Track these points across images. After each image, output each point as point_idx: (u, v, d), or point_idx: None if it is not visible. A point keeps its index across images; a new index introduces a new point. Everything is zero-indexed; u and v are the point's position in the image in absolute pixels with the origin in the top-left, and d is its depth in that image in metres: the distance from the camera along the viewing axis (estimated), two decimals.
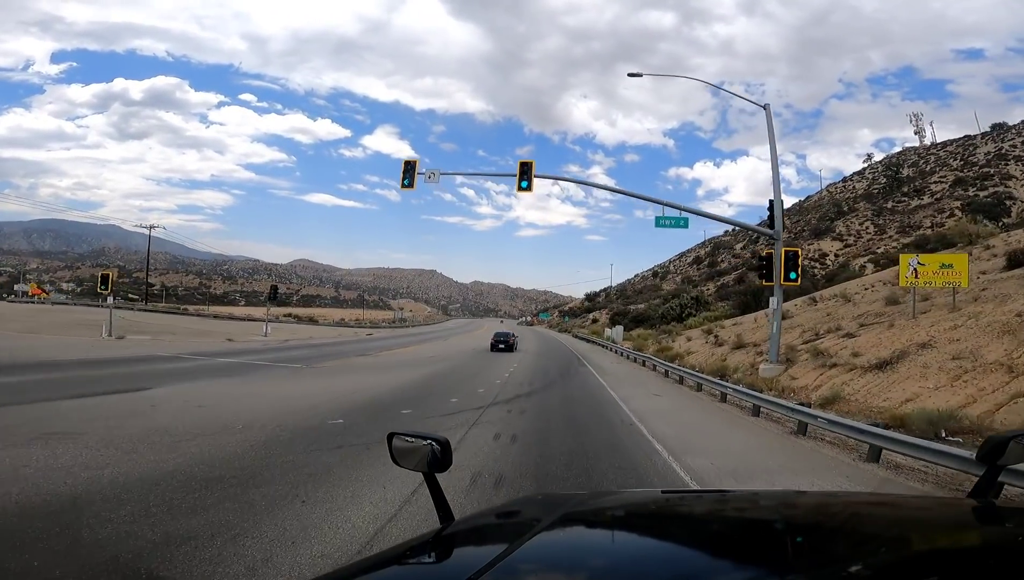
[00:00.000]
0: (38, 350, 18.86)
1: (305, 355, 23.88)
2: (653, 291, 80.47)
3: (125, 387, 12.11)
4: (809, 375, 15.18)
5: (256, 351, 25.19)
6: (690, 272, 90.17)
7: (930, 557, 1.09)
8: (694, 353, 25.19)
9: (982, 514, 1.43)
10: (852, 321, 19.09)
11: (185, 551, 3.85)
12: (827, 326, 19.26)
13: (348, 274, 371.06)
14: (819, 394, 13.54)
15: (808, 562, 1.09)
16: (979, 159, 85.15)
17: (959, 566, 1.02)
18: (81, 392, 10.62)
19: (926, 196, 78.98)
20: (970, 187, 74.57)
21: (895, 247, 61.35)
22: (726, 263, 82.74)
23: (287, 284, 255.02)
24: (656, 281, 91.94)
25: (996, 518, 1.44)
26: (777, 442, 9.59)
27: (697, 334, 30.07)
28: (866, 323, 18.26)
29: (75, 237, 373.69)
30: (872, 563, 1.00)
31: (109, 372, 14.83)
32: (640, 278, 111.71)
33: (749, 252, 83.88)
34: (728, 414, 12.63)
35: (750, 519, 1.58)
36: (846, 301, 22.48)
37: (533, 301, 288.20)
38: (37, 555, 3.71)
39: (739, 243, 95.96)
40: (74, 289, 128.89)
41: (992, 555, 1.09)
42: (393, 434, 1.63)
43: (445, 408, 11.46)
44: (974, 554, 1.13)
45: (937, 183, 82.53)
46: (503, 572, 0.97)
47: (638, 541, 1.42)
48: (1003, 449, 1.48)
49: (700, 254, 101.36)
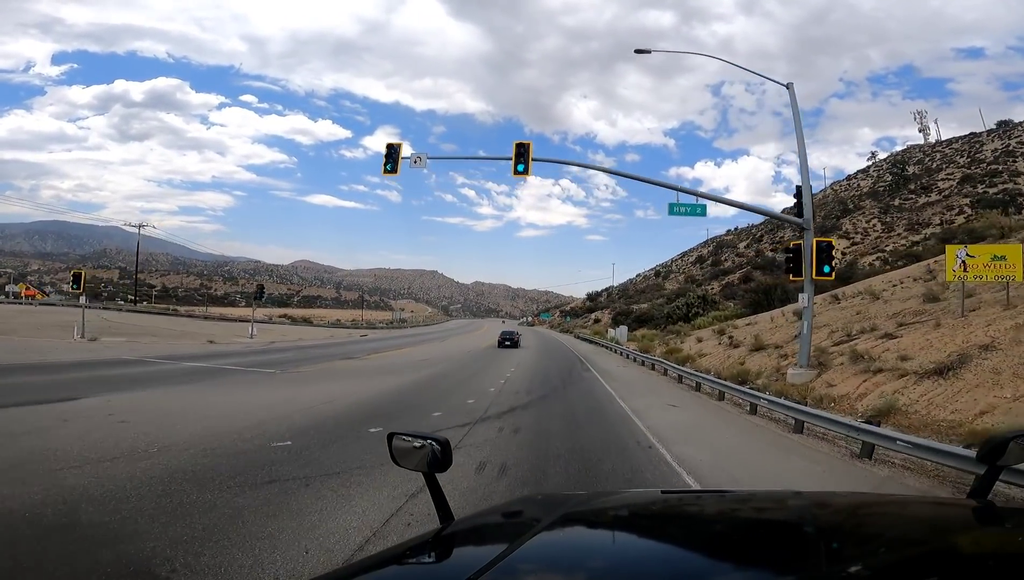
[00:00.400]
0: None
1: (285, 358, 21.82)
2: (656, 291, 78.17)
3: (50, 397, 10.19)
4: (849, 382, 13.06)
5: (234, 354, 23.16)
6: (693, 271, 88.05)
7: (930, 557, 1.07)
8: (707, 355, 23.06)
9: (982, 514, 1.42)
10: (887, 320, 16.98)
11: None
12: (860, 326, 17.14)
13: (349, 275, 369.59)
14: (866, 404, 11.45)
15: (808, 562, 1.08)
16: (986, 156, 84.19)
17: (959, 566, 1.01)
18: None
19: (933, 193, 77.79)
20: (978, 184, 72.96)
21: (903, 245, 59.49)
22: (730, 262, 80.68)
23: (288, 285, 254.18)
24: (658, 281, 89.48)
25: (996, 518, 1.44)
26: (843, 470, 7.50)
27: (708, 334, 27.91)
28: (905, 322, 16.15)
29: (77, 239, 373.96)
30: (872, 563, 1.00)
31: (48, 379, 12.98)
32: (642, 278, 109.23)
33: (753, 250, 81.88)
34: (765, 431, 10.52)
35: (750, 519, 1.57)
36: (874, 298, 20.35)
37: (534, 301, 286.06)
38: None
39: (742, 242, 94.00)
40: (75, 290, 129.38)
41: (992, 555, 1.08)
42: (393, 434, 1.63)
43: (424, 424, 9.38)
44: (974, 554, 1.11)
45: (944, 180, 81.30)
46: (503, 572, 0.96)
47: (638, 541, 1.39)
48: (1003, 449, 1.46)
49: (703, 253, 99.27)
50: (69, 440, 6.93)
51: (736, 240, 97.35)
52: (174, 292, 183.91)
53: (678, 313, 41.74)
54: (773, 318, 25.29)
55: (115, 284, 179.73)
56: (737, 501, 1.87)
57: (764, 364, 17.70)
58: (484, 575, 0.92)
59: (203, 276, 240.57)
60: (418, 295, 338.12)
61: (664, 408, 12.60)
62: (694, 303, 42.30)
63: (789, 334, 20.39)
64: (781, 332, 21.20)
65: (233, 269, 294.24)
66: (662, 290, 74.08)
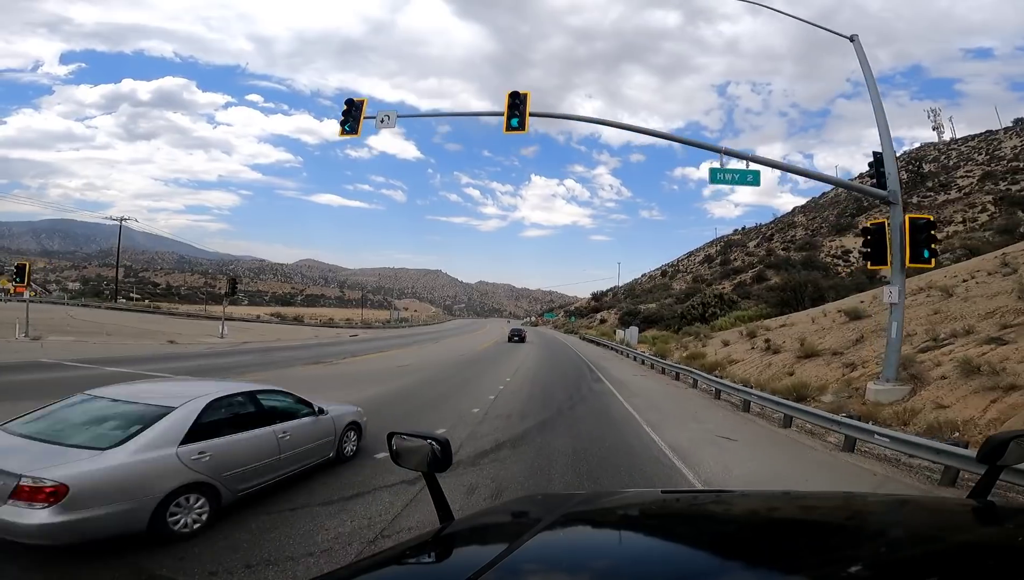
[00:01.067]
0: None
1: (239, 363, 18.18)
2: (663, 290, 74.09)
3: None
4: (969, 402, 9.30)
5: (185, 357, 19.59)
6: (701, 271, 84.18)
7: (930, 557, 1.06)
8: (739, 362, 19.28)
9: (982, 514, 1.40)
10: (982, 321, 13.23)
11: None
12: (948, 328, 13.36)
13: (353, 274, 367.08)
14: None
15: (808, 562, 1.06)
16: (1005, 153, 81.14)
17: (959, 566, 1.00)
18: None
19: (953, 190, 74.47)
20: (1000, 181, 69.46)
21: None
22: (739, 261, 76.82)
23: (291, 284, 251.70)
24: (665, 280, 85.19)
25: (996, 518, 1.41)
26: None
27: (735, 337, 24.08)
28: (1010, 324, 12.39)
29: (83, 237, 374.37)
30: (872, 563, 1.00)
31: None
32: (647, 277, 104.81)
33: (763, 250, 77.83)
34: (895, 485, 6.70)
35: (750, 519, 1.54)
36: (947, 295, 16.54)
37: (538, 301, 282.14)
38: None
39: (751, 241, 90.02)
40: (81, 289, 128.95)
41: (992, 555, 1.07)
42: (393, 433, 1.63)
43: (350, 481, 5.74)
44: (974, 554, 1.09)
45: (964, 177, 78.07)
46: (503, 572, 0.95)
47: (638, 541, 1.37)
48: (1003, 449, 1.46)
49: (710, 253, 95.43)
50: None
51: (745, 239, 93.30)
52: (177, 290, 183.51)
53: (693, 313, 37.87)
54: (814, 319, 21.44)
55: (119, 282, 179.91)
56: (737, 501, 1.83)
57: (824, 375, 13.91)
58: (484, 575, 0.91)
59: (207, 274, 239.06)
60: (422, 295, 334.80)
61: (716, 444, 8.81)
62: (711, 302, 38.44)
63: (844, 338, 16.61)
64: (832, 335, 17.39)
65: (238, 268, 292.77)
66: (669, 290, 70.09)
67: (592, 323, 68.31)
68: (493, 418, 9.93)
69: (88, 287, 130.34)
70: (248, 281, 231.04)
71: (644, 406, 12.39)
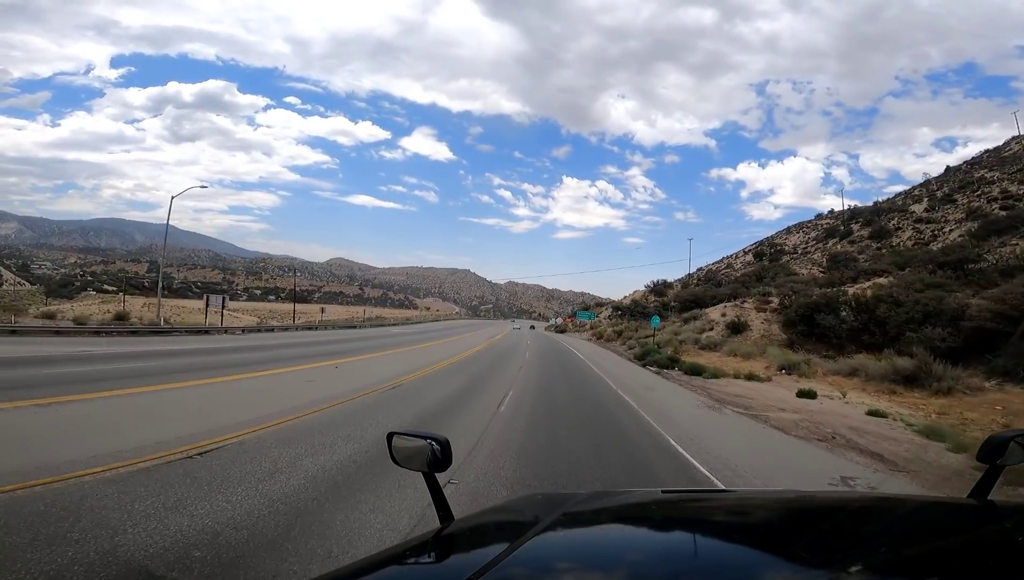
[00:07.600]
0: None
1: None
2: (754, 279, 49.79)
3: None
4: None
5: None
6: (832, 247, 60.14)
7: (930, 557, 1.03)
8: None
9: (982, 514, 1.35)
10: None
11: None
12: None
13: (382, 273, 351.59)
14: None
15: (808, 562, 1.03)
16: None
17: (959, 566, 0.98)
18: None
19: None
20: None
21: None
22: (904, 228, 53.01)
23: (312, 281, 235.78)
24: (762, 264, 59.92)
25: (996, 518, 1.34)
26: None
27: None
28: None
29: (130, 236, 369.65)
30: (872, 563, 0.96)
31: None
32: (725, 264, 78.89)
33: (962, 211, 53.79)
34: None
35: (750, 519, 1.50)
36: None
37: (569, 302, 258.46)
38: None
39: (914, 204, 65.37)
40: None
41: (992, 555, 1.04)
42: (393, 433, 1.55)
43: None
44: (974, 554, 1.06)
45: None
46: (503, 572, 0.92)
47: (639, 541, 1.31)
48: (1003, 449, 1.40)
49: (831, 224, 71.75)
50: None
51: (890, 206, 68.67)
52: (191, 285, 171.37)
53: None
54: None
55: (143, 276, 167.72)
56: (737, 501, 1.80)
57: None
58: (484, 575, 0.88)
59: (235, 272, 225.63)
60: (448, 294, 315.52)
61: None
62: None
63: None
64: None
65: (269, 265, 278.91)
66: (772, 278, 46.17)
67: (669, 322, 40.96)
68: None
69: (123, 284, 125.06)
70: (267, 278, 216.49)
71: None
